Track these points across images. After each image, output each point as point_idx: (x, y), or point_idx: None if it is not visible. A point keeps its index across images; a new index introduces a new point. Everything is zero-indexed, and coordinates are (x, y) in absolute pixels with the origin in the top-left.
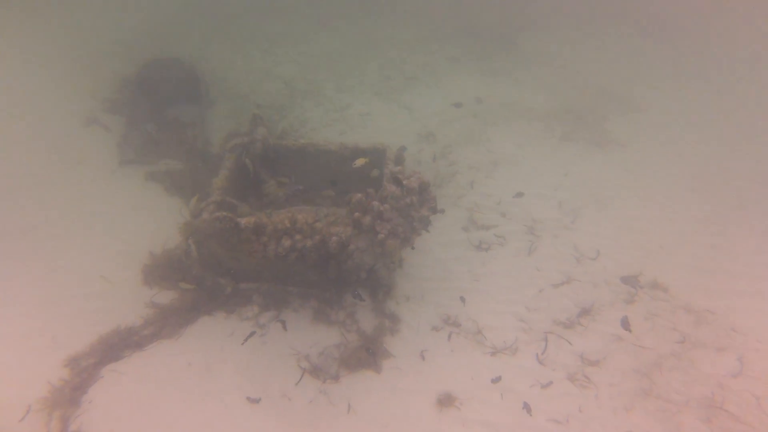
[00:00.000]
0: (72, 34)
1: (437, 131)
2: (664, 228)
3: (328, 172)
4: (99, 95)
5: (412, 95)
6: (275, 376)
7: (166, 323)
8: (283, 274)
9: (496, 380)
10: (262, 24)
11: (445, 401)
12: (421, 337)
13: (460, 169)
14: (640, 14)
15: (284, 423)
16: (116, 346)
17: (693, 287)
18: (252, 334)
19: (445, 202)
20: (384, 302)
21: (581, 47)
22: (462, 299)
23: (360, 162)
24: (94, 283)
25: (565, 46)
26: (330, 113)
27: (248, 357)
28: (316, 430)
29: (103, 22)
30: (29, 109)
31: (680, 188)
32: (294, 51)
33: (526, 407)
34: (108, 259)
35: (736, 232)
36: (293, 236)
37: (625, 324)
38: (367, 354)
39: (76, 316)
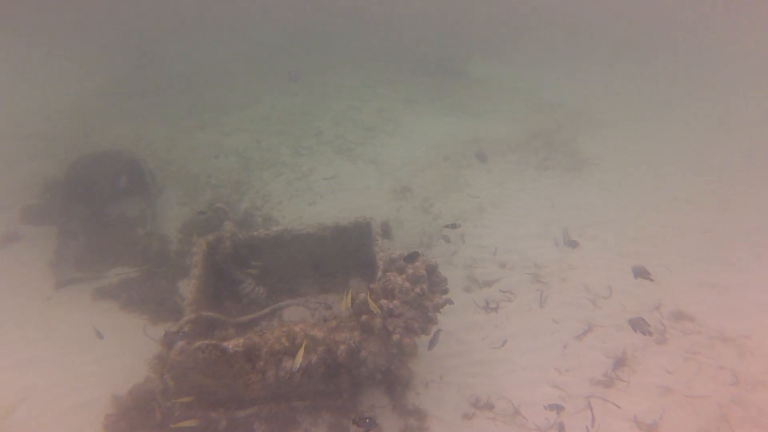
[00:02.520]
0: None
1: (411, 183)
2: (662, 246)
3: (308, 257)
4: (15, 203)
5: (374, 147)
6: None
7: None
8: (285, 390)
9: None
10: (200, 94)
11: None
12: (454, 430)
13: (446, 221)
14: (573, 26)
15: None
16: None
17: (716, 309)
18: None
19: (440, 263)
20: (403, 397)
21: (528, 69)
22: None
23: (345, 305)
24: None
25: (512, 69)
26: (293, 183)
27: None
28: None
29: (14, 112)
30: None
31: (666, 200)
32: (240, 118)
33: None
34: (57, 418)
35: (735, 241)
36: (295, 354)
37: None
38: None
39: None
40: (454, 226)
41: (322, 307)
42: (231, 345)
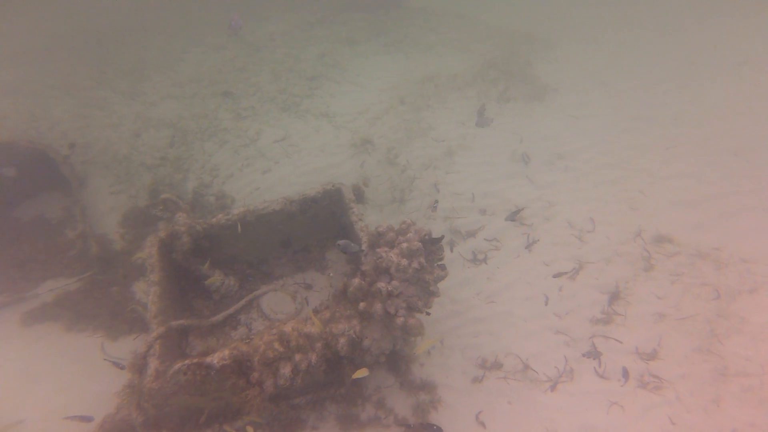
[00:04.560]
0: None
1: (370, 134)
2: (631, 169)
3: (277, 235)
4: None
5: (323, 98)
6: None
7: None
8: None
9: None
10: (107, 57)
11: None
12: (467, 396)
13: (415, 172)
14: None
15: None
16: None
17: (690, 226)
18: None
19: (416, 218)
20: (408, 372)
21: None
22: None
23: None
24: None
25: None
26: (240, 150)
27: None
28: None
29: None
30: None
31: (625, 120)
32: (164, 82)
33: None
34: None
35: (693, 154)
36: (292, 357)
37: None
38: None
39: None
40: (435, 206)
41: (302, 288)
42: (216, 359)
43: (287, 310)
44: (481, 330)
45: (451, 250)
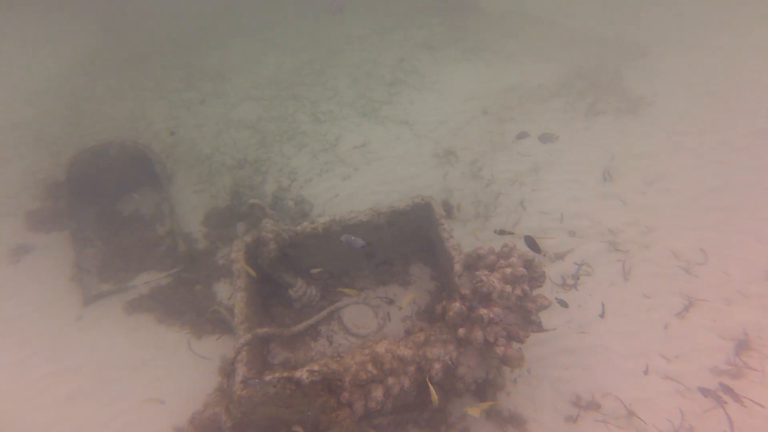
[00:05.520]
0: None
1: (453, 145)
2: (754, 194)
3: (362, 246)
4: (17, 209)
5: (402, 105)
6: None
7: None
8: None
9: None
10: (191, 60)
11: None
12: None
13: (500, 187)
14: None
15: None
16: None
17: None
18: None
19: (502, 236)
20: (495, 401)
21: None
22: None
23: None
24: None
25: None
26: (319, 155)
27: None
28: None
29: None
30: None
31: (743, 136)
32: (244, 84)
33: None
34: None
35: None
36: (384, 381)
37: None
38: None
39: None
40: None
41: (384, 303)
42: (305, 375)
43: (369, 325)
44: (573, 362)
45: None
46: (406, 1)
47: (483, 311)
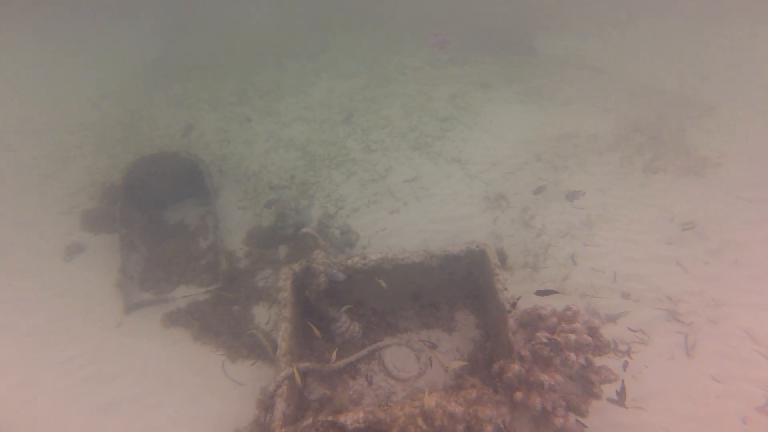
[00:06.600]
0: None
1: (504, 190)
2: None
3: (409, 287)
4: (74, 207)
5: (454, 142)
6: None
7: None
8: None
9: None
10: (248, 75)
11: None
12: None
13: (551, 238)
14: None
15: None
16: None
17: None
18: None
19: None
20: None
21: (607, 43)
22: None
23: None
24: None
25: (588, 44)
26: (368, 185)
27: None
28: None
29: (60, 102)
30: None
31: None
32: (296, 104)
33: None
34: None
35: None
36: None
37: None
38: None
39: None
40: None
41: (426, 347)
42: (350, 421)
43: (410, 369)
44: None
45: None
46: (462, 38)
47: (544, 377)
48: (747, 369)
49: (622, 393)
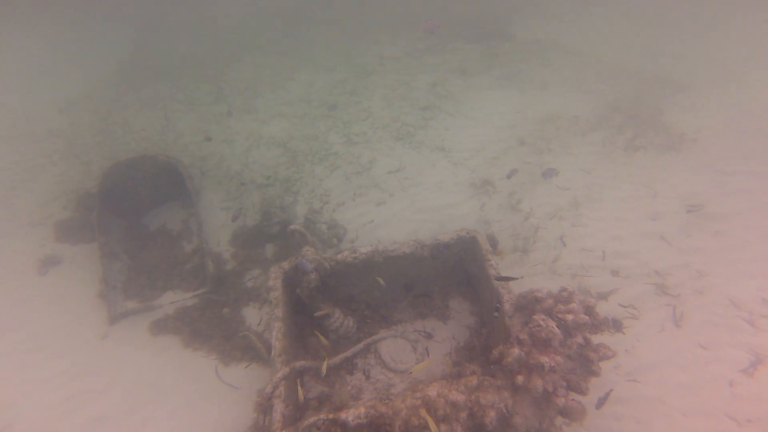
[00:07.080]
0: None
1: (490, 175)
2: None
3: (401, 278)
4: (47, 218)
5: (437, 130)
6: None
7: None
8: None
9: None
10: (223, 72)
11: None
12: None
13: (539, 221)
14: None
15: None
16: None
17: None
18: None
19: (541, 271)
20: None
21: (582, 24)
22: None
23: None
24: None
25: (564, 26)
26: (353, 178)
27: None
28: None
29: (26, 108)
30: None
31: None
32: (275, 100)
33: None
34: None
35: None
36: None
37: None
38: None
39: None
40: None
41: (422, 337)
42: (351, 418)
43: (407, 360)
44: (624, 414)
45: None
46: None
47: (544, 359)
48: (732, 335)
49: (604, 399)
